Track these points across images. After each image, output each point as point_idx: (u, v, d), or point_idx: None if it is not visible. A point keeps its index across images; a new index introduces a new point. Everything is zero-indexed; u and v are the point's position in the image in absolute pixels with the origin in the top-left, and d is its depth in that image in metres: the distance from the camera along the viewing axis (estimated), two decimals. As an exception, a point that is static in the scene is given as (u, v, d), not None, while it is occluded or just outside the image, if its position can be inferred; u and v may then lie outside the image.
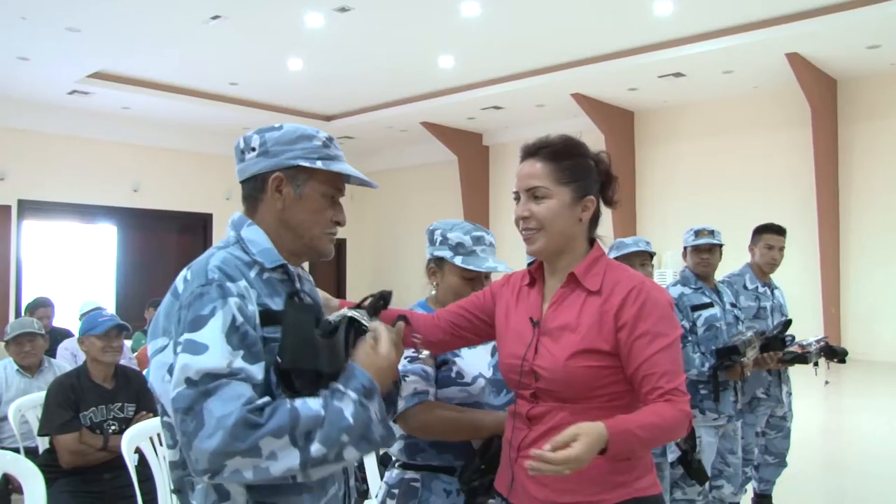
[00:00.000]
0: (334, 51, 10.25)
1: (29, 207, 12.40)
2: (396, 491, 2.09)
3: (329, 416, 1.41)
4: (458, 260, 2.11)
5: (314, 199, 1.60)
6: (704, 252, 3.79)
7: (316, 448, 1.39)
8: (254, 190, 1.61)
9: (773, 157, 11.92)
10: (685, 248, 3.85)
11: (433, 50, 10.44)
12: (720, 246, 3.81)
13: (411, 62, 10.89)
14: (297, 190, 1.59)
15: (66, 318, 9.64)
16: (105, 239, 13.56)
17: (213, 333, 1.40)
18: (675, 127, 13.02)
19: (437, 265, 2.18)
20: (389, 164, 16.44)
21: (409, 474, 2.10)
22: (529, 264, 1.88)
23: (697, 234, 3.81)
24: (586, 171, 1.75)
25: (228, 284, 1.46)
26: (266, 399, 1.40)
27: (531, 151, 1.77)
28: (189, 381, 1.37)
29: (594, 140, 12.65)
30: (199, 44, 9.82)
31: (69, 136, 12.66)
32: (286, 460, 1.37)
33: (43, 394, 3.63)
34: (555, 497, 1.66)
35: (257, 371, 1.43)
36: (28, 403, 3.95)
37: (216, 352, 1.39)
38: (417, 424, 2.01)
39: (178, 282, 1.51)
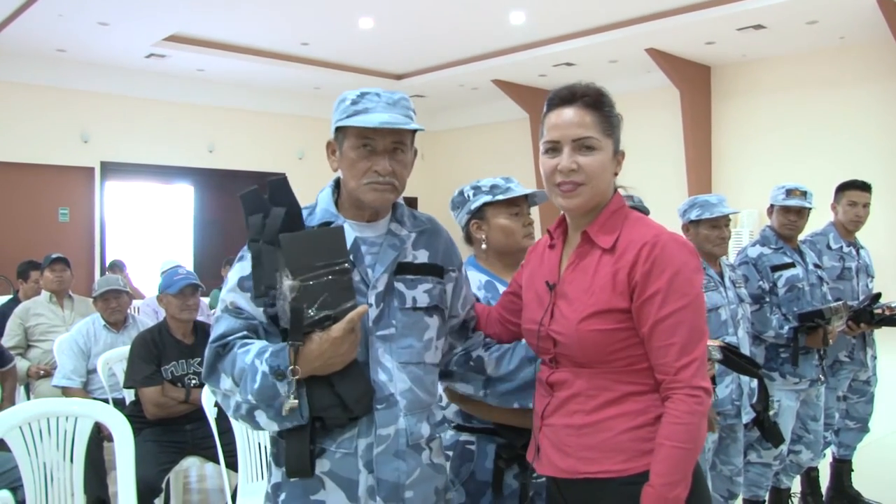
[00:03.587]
0: (405, 8, 10.17)
1: (111, 169, 12.79)
2: (451, 453, 2.07)
3: (247, 373, 1.56)
4: (500, 196, 2.15)
5: (347, 154, 1.69)
6: (792, 214, 3.57)
7: (241, 395, 1.58)
8: None
9: (860, 112, 11.35)
10: (772, 205, 3.64)
11: (504, 6, 10.25)
12: (809, 209, 3.59)
13: (482, 19, 10.73)
14: (339, 151, 1.72)
15: (148, 276, 9.99)
16: (182, 199, 13.92)
17: (233, 274, 1.70)
18: (754, 82, 12.50)
19: (479, 218, 2.20)
20: (460, 122, 16.35)
21: (464, 437, 2.08)
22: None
23: (788, 193, 3.56)
24: (619, 123, 1.68)
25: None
26: (235, 336, 1.63)
27: (568, 99, 1.66)
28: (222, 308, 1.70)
29: (670, 96, 12.43)
30: (271, 4, 9.87)
31: (147, 99, 12.95)
32: (234, 398, 1.60)
33: (128, 348, 3.78)
34: (579, 466, 1.60)
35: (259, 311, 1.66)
36: (115, 357, 4.14)
37: (228, 288, 1.69)
38: (459, 398, 2.00)
39: None
